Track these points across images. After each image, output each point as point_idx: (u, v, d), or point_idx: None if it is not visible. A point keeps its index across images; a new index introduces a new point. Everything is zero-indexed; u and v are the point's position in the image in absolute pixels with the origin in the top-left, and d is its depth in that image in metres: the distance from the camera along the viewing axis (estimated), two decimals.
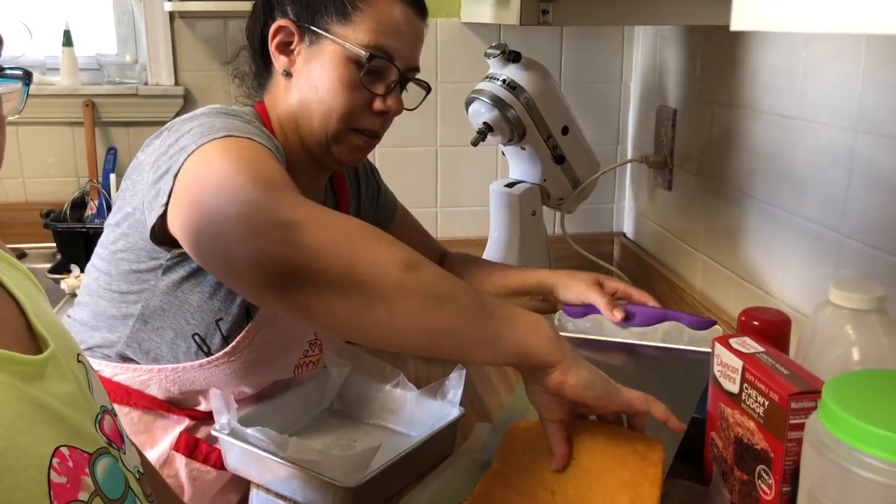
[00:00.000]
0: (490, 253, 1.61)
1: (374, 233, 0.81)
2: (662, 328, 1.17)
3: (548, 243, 1.60)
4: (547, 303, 1.27)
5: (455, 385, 1.16)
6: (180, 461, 1.12)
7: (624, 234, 1.93)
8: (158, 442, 1.13)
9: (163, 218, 0.95)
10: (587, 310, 1.22)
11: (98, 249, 1.12)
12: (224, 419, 1.05)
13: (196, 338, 1.07)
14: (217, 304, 1.06)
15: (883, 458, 0.64)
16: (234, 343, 1.07)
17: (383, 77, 1.08)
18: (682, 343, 1.15)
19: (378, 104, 1.08)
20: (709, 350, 1.07)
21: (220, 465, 1.13)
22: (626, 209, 1.93)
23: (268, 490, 1.06)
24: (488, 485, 0.94)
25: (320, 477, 0.97)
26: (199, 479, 1.13)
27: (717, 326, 1.14)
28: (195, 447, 1.13)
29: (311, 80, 1.08)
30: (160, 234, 0.98)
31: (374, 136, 1.11)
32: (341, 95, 1.06)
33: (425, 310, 0.77)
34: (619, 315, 1.18)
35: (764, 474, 0.87)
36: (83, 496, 0.65)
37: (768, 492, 0.86)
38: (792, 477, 0.82)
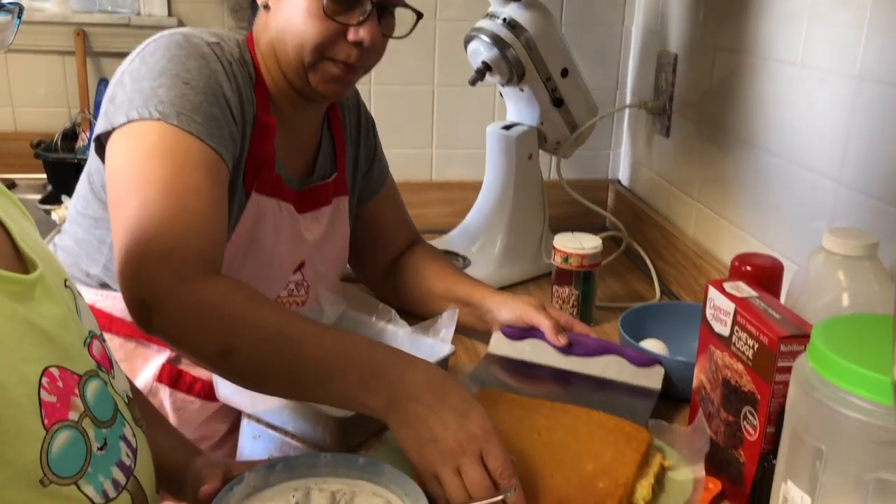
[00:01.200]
0: (485, 197, 1.60)
1: (207, 316, 0.87)
2: (604, 360, 1.14)
3: (543, 188, 1.60)
4: (483, 322, 1.24)
5: (447, 323, 1.16)
6: (164, 392, 1.13)
7: (619, 182, 1.92)
8: (139, 372, 1.13)
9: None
10: (526, 333, 1.19)
11: (81, 175, 1.13)
12: None
13: None
14: None
15: (868, 397, 0.65)
16: None
17: (354, 6, 1.06)
18: (623, 377, 1.12)
19: (351, 34, 1.06)
20: (650, 387, 1.08)
21: (204, 395, 1.14)
22: (623, 156, 1.92)
23: (259, 420, 1.07)
24: None
25: (312, 407, 0.98)
26: (184, 410, 1.14)
27: (659, 367, 1.10)
28: (178, 377, 1.14)
29: (286, 12, 1.06)
30: None
31: (352, 67, 1.09)
32: (313, 26, 1.04)
33: (249, 382, 0.91)
34: (562, 340, 1.15)
35: (749, 416, 0.88)
36: (73, 416, 0.66)
37: (753, 432, 0.88)
38: (777, 418, 0.84)
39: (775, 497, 0.75)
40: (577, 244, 1.33)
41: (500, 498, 0.79)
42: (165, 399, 1.14)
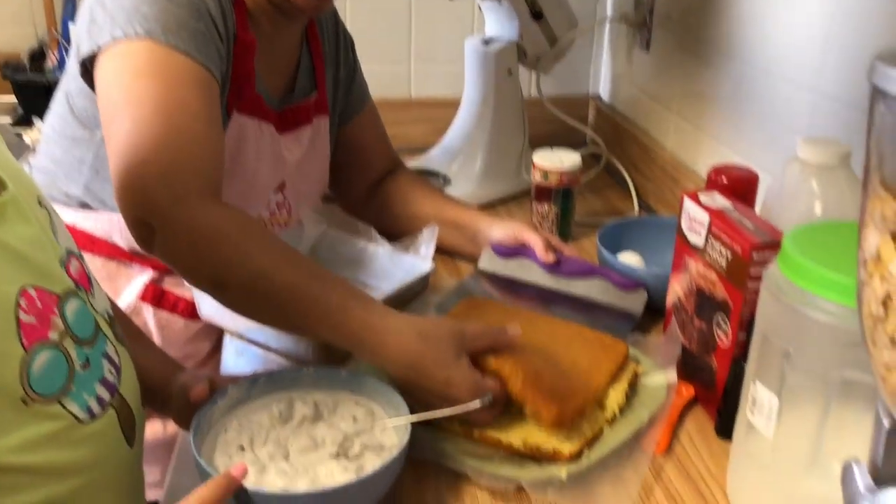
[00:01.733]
0: (464, 114, 1.59)
1: (200, 247, 0.86)
2: (589, 282, 1.14)
3: (523, 105, 1.58)
4: (472, 244, 1.24)
5: (427, 241, 1.17)
6: (147, 311, 1.14)
7: (599, 97, 1.91)
8: (122, 291, 1.14)
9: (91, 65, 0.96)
10: (516, 252, 1.19)
11: (56, 94, 1.10)
12: None
13: None
14: None
15: (835, 301, 0.66)
16: None
17: None
18: (606, 299, 1.13)
19: None
20: (632, 310, 1.09)
21: (188, 314, 1.15)
22: (603, 71, 1.90)
23: (242, 337, 1.08)
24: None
25: None
26: (168, 328, 1.15)
27: (642, 291, 1.11)
28: (162, 297, 1.14)
29: None
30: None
31: None
32: None
33: (241, 314, 0.92)
34: (551, 258, 1.16)
35: (722, 323, 0.90)
36: (53, 336, 0.66)
37: (724, 339, 0.90)
38: (749, 325, 0.86)
39: (744, 398, 0.78)
40: (557, 161, 1.33)
41: (477, 403, 0.82)
42: (149, 318, 1.15)
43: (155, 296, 1.14)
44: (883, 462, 0.53)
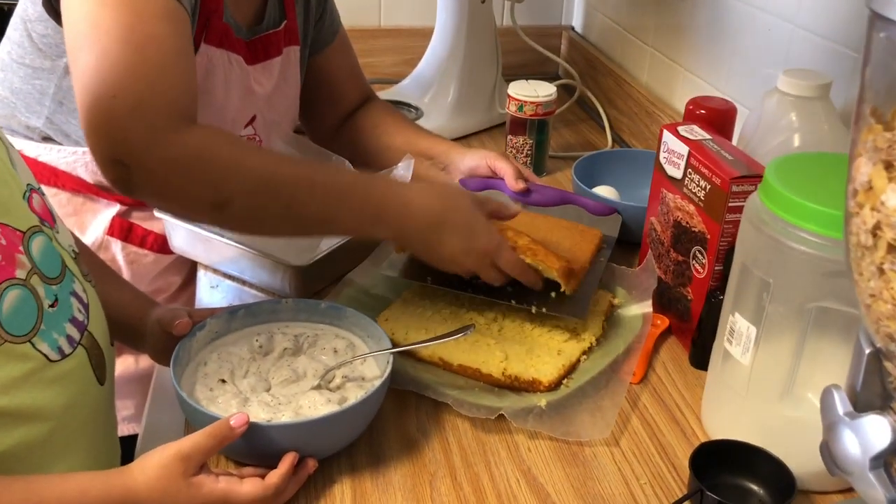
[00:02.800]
0: (436, 44, 1.55)
1: (193, 169, 0.81)
2: (561, 209, 1.13)
3: (496, 34, 1.55)
4: (444, 175, 1.22)
5: (403, 172, 1.15)
6: (116, 245, 1.12)
7: (573, 28, 1.88)
8: (89, 226, 1.11)
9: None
10: (485, 184, 1.17)
11: (12, 18, 1.05)
12: None
13: None
14: None
15: (816, 231, 0.67)
16: None
17: None
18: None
19: None
20: (607, 234, 1.09)
21: (157, 247, 1.13)
22: (577, 1, 1.87)
23: (216, 271, 1.07)
24: None
25: (270, 256, 0.98)
26: (137, 263, 1.13)
27: (616, 216, 1.10)
28: (130, 230, 1.12)
29: None
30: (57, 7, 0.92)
31: None
32: None
33: (249, 229, 0.90)
34: (520, 185, 1.14)
35: (699, 255, 0.91)
36: (20, 274, 0.64)
37: (701, 270, 0.91)
38: (725, 257, 0.87)
39: (722, 328, 0.79)
40: (532, 92, 1.32)
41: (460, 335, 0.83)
42: (117, 253, 1.12)
43: (122, 230, 1.11)
44: (861, 388, 0.55)
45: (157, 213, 1.06)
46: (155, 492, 0.65)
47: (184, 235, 1.06)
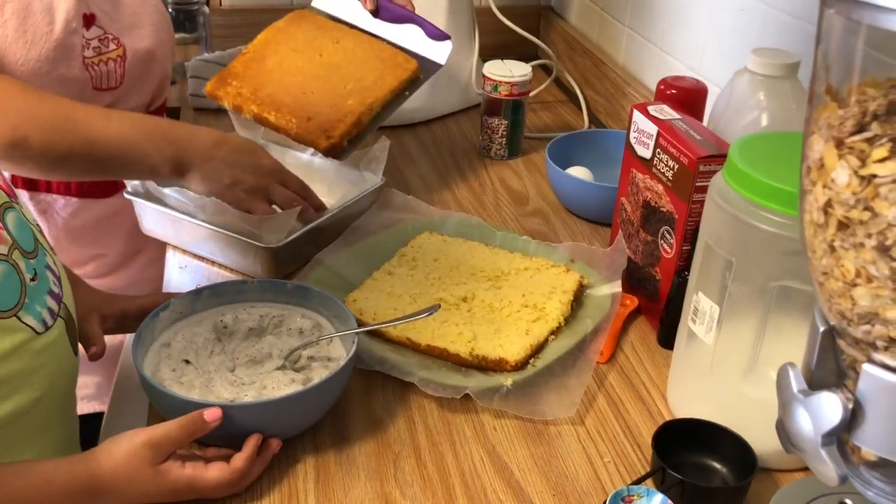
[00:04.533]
0: None
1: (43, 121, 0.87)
2: (404, 28, 1.20)
3: (473, 15, 1.54)
4: None
5: (378, 156, 1.15)
6: (23, 196, 1.09)
7: (551, 8, 1.87)
8: None
9: None
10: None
11: None
12: (136, 182, 1.03)
13: None
14: None
15: (778, 210, 0.67)
16: None
17: None
18: (413, 46, 1.19)
19: None
20: (435, 59, 1.18)
21: (65, 189, 1.10)
22: None
23: (185, 251, 1.06)
24: None
25: (241, 239, 0.98)
26: (50, 213, 1.11)
27: (448, 42, 1.19)
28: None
29: None
30: None
31: None
32: None
33: (50, 170, 0.91)
34: (370, 6, 1.20)
35: (667, 234, 0.91)
36: (2, 249, 0.65)
37: (669, 250, 0.91)
38: (693, 237, 0.87)
39: (686, 308, 0.80)
40: (507, 72, 1.31)
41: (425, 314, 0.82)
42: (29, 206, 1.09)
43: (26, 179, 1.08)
44: (816, 366, 0.55)
45: (125, 194, 1.05)
46: (120, 479, 0.65)
47: (153, 216, 1.05)
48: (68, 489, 0.64)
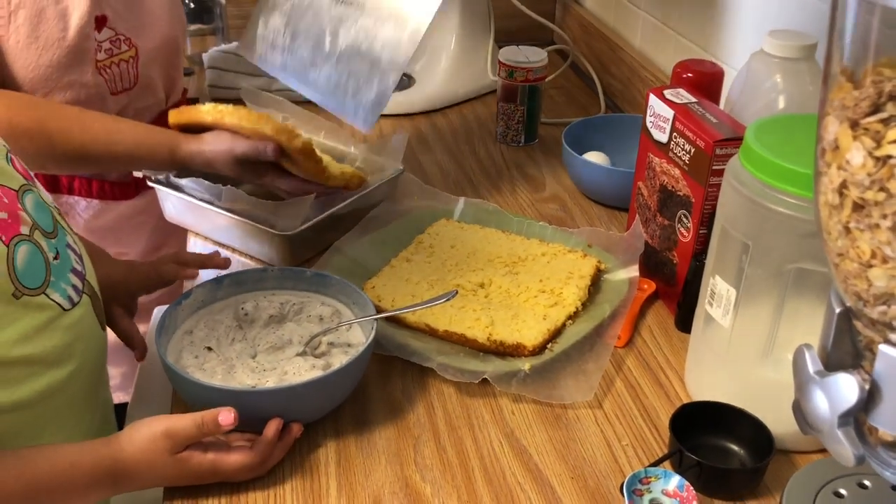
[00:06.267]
0: None
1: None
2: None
3: (489, 0, 1.54)
4: None
5: (397, 147, 1.15)
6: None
7: None
8: None
9: None
10: None
11: None
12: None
13: None
14: None
15: (794, 192, 0.67)
16: None
17: None
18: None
19: None
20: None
21: (86, 191, 1.13)
22: None
23: (206, 238, 1.07)
24: None
25: (258, 226, 0.99)
26: (70, 215, 1.14)
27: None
28: (55, 178, 1.11)
29: None
30: None
31: None
32: None
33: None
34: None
35: (684, 218, 0.91)
36: (24, 230, 0.67)
37: (686, 234, 0.91)
38: (709, 220, 0.87)
39: (703, 292, 0.80)
40: (523, 58, 1.31)
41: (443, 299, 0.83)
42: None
43: (48, 178, 1.09)
44: (832, 347, 0.55)
45: (149, 182, 1.06)
46: (141, 464, 0.67)
47: (176, 204, 1.06)
48: (92, 472, 0.66)
